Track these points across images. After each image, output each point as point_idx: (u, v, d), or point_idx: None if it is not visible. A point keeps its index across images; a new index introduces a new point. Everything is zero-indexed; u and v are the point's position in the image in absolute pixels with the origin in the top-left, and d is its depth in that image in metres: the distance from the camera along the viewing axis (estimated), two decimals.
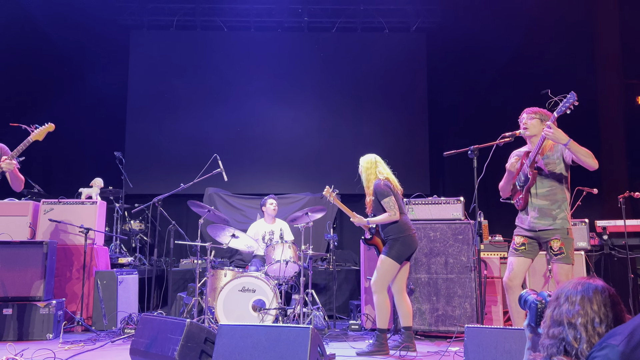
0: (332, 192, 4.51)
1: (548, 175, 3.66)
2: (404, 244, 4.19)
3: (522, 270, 3.69)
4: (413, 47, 8.74)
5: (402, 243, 4.19)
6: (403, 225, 4.23)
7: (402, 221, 4.24)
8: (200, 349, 3.31)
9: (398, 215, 4.19)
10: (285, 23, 8.84)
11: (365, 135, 8.34)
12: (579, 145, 3.43)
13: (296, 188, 8.13)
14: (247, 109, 8.46)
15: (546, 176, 3.66)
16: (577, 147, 3.43)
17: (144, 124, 8.44)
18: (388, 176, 4.37)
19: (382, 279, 4.20)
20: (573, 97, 3.37)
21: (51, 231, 5.68)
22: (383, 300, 4.20)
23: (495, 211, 6.59)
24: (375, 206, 4.30)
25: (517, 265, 3.68)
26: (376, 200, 4.27)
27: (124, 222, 7.11)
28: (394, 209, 4.17)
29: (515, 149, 3.90)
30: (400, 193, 4.42)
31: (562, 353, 1.49)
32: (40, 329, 4.80)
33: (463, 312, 4.87)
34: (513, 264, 3.70)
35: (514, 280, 3.67)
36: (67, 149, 8.24)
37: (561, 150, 3.64)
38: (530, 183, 3.67)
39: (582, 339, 1.46)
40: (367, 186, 4.38)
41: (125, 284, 5.66)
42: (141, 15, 8.66)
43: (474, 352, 2.95)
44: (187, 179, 5.49)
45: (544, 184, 3.66)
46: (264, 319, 4.74)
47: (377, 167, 4.40)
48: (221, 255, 6.68)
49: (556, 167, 3.65)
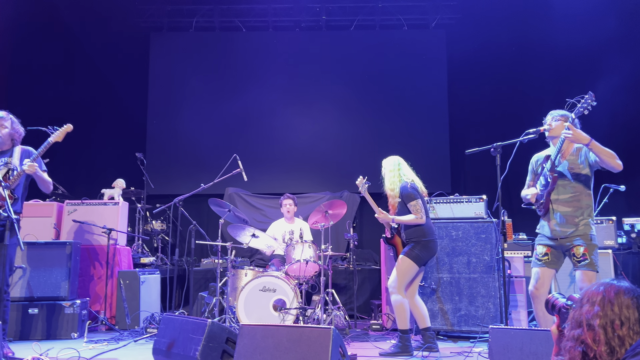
0: (365, 184, 4.49)
1: (572, 180, 3.51)
2: (426, 247, 4.17)
3: (548, 279, 3.55)
4: (432, 43, 8.64)
5: (423, 246, 4.17)
6: (427, 230, 4.21)
7: (427, 225, 4.22)
8: (222, 349, 3.32)
9: (424, 219, 4.18)
10: (303, 22, 8.82)
11: (385, 134, 8.28)
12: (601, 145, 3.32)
13: (315, 187, 8.12)
14: (265, 108, 8.48)
15: (569, 181, 3.52)
16: (600, 148, 3.31)
17: (165, 125, 8.52)
18: (414, 179, 4.35)
19: (401, 278, 4.16)
20: (591, 97, 3.28)
21: (75, 232, 5.77)
22: (400, 300, 4.16)
23: (519, 209, 6.44)
24: (400, 208, 4.28)
25: (542, 274, 3.55)
26: (402, 202, 4.25)
27: (146, 222, 7.19)
28: (421, 212, 4.17)
29: (539, 145, 3.81)
30: (425, 196, 4.39)
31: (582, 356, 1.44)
32: (66, 328, 4.88)
33: (486, 312, 4.79)
34: (538, 273, 3.57)
35: (540, 289, 3.53)
36: (89, 151, 8.36)
37: (586, 154, 3.50)
38: (551, 187, 3.54)
39: (601, 342, 1.41)
40: (392, 188, 4.34)
41: (147, 283, 5.71)
42: (161, 17, 8.75)
43: (499, 353, 2.89)
44: (208, 179, 5.52)
45: (567, 189, 3.52)
46: (284, 318, 4.73)
47: (400, 170, 4.38)
48: (242, 255, 6.70)
49: (581, 171, 3.49)
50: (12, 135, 4.20)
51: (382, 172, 4.46)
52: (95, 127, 8.19)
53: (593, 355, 1.42)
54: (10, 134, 4.18)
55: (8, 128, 4.16)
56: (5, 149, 4.19)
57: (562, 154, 3.56)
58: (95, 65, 8.40)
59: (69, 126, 4.17)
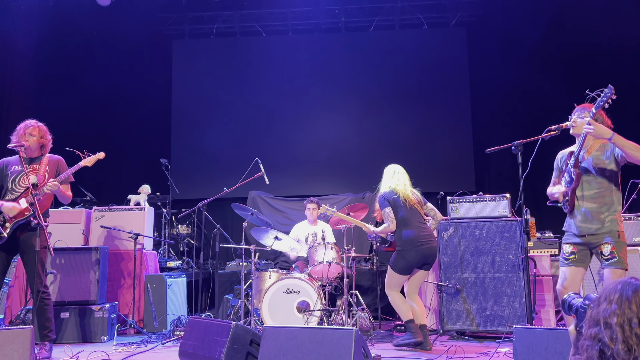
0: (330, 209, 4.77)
1: (597, 176, 3.43)
2: (402, 257, 4.37)
3: (577, 279, 3.44)
4: (453, 42, 8.57)
5: (400, 255, 4.38)
6: (405, 239, 4.38)
7: (404, 235, 4.38)
8: (246, 350, 3.36)
9: (392, 227, 4.38)
10: (322, 25, 8.86)
11: (407, 134, 8.26)
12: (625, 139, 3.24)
13: (337, 189, 8.13)
14: (286, 111, 8.54)
15: (595, 177, 3.43)
16: (623, 141, 3.23)
17: (188, 130, 8.66)
18: (395, 187, 4.48)
19: (387, 284, 4.46)
20: (610, 90, 3.21)
21: (103, 237, 5.90)
22: (392, 296, 4.43)
23: (544, 207, 6.34)
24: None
25: (570, 274, 3.44)
26: None
27: (172, 226, 7.31)
28: (388, 221, 4.40)
29: (562, 142, 3.75)
30: (414, 204, 4.47)
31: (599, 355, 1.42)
32: (95, 332, 4.99)
33: (512, 311, 4.72)
34: (566, 273, 3.46)
35: (569, 288, 3.41)
36: (115, 158, 8.50)
37: (612, 149, 3.42)
38: (575, 184, 3.47)
39: (618, 340, 1.39)
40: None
41: (174, 287, 5.81)
42: (182, 24, 8.90)
43: (524, 353, 2.86)
44: (231, 183, 5.59)
45: (592, 185, 3.43)
46: (308, 320, 4.75)
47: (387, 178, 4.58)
48: (265, 257, 6.76)
49: (607, 166, 3.40)
50: (42, 143, 4.30)
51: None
52: (120, 134, 8.36)
53: (610, 353, 1.40)
54: (40, 142, 4.28)
55: (36, 136, 4.25)
56: (35, 156, 4.31)
57: (586, 149, 3.49)
58: (119, 73, 8.56)
59: (101, 154, 4.35)
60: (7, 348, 3.13)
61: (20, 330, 3.23)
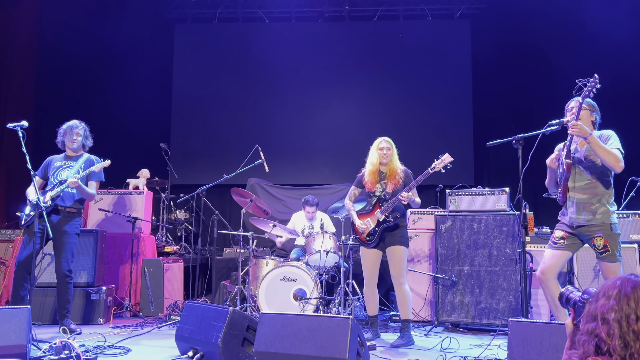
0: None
1: (588, 167, 3.48)
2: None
3: (557, 263, 3.51)
4: (457, 34, 8.52)
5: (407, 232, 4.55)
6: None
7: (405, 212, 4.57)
8: (243, 336, 3.38)
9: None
10: (326, 13, 8.79)
11: (408, 125, 8.23)
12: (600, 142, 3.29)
13: (337, 178, 8.11)
14: (287, 99, 8.50)
15: (586, 168, 3.48)
16: (596, 144, 3.29)
17: (189, 115, 8.62)
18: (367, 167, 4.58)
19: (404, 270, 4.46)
20: (595, 80, 3.24)
21: (101, 220, 5.91)
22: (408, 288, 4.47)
23: (542, 202, 6.35)
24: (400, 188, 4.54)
25: (551, 257, 3.52)
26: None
27: (170, 211, 7.31)
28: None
29: (563, 137, 3.75)
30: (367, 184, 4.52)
31: (595, 350, 1.43)
32: (92, 314, 5.02)
33: (507, 305, 4.75)
34: (547, 256, 3.55)
35: (547, 273, 3.49)
36: (115, 142, 8.51)
37: (604, 142, 3.46)
38: (566, 175, 3.50)
39: (615, 336, 1.40)
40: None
41: (171, 271, 5.83)
42: (185, 8, 8.82)
43: (519, 346, 2.88)
44: (230, 169, 5.57)
45: (583, 176, 3.49)
46: (304, 308, 4.78)
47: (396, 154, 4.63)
48: (263, 245, 6.77)
49: (597, 158, 3.44)
50: (84, 143, 4.73)
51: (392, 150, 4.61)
52: (120, 118, 8.32)
53: (607, 349, 1.41)
54: (83, 142, 4.71)
55: (82, 136, 4.69)
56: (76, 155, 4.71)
57: (579, 141, 3.52)
58: (120, 55, 8.50)
59: (107, 162, 4.68)
60: (4, 327, 3.15)
61: (18, 309, 3.24)
